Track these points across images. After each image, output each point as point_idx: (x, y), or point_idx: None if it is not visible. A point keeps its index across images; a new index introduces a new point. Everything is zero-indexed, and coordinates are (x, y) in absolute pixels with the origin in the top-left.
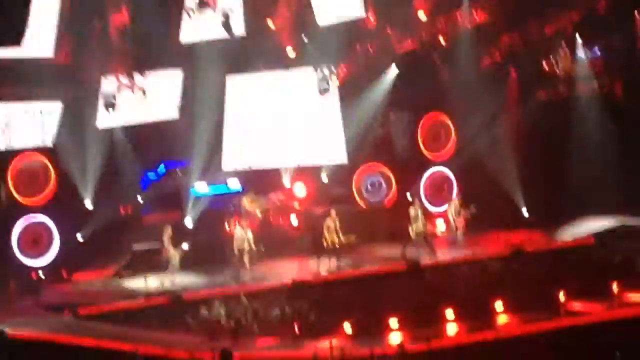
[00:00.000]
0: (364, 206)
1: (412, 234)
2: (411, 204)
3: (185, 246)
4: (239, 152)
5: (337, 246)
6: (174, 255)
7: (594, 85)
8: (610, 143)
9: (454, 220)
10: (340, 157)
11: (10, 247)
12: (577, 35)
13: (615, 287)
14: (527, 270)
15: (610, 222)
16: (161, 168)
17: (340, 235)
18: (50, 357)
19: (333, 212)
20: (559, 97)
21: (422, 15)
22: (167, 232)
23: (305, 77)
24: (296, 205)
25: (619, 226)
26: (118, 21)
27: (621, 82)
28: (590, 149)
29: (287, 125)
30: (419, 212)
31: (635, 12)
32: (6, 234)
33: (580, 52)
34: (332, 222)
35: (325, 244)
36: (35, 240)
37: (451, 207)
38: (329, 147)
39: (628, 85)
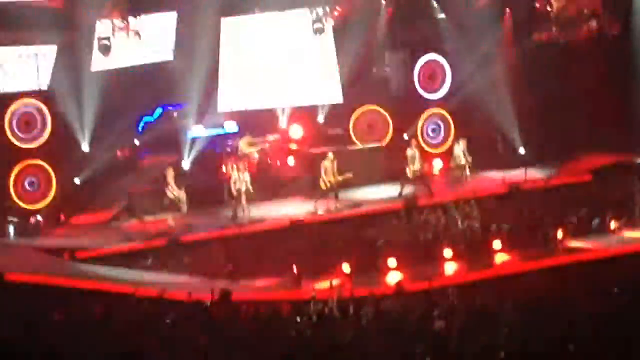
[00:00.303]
0: (360, 147)
1: (409, 173)
2: (408, 144)
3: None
4: (235, 94)
5: (335, 186)
6: (181, 195)
7: (591, 24)
8: (608, 81)
9: (462, 158)
10: (336, 97)
11: (8, 192)
12: None
13: (612, 224)
14: (525, 208)
15: (607, 159)
16: (157, 111)
17: (336, 176)
18: (48, 300)
19: (330, 154)
20: (554, 36)
21: None
22: (170, 174)
23: (299, 18)
24: (293, 146)
25: (616, 163)
26: None
27: (619, 20)
28: (588, 87)
29: (282, 66)
30: (416, 152)
31: None
32: (3, 178)
33: None
34: (329, 163)
35: (322, 184)
36: (33, 184)
37: (459, 145)
38: (325, 88)
39: (625, 24)
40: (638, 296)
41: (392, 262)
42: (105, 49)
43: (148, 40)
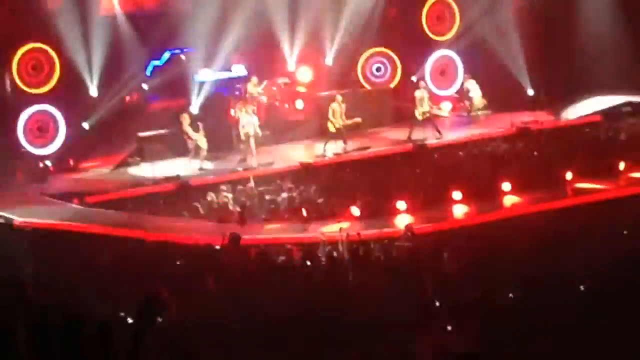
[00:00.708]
0: (369, 89)
1: (418, 115)
2: (416, 86)
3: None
4: (243, 36)
5: (344, 130)
6: (200, 139)
7: None
8: (616, 21)
9: (475, 97)
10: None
11: (17, 137)
12: None
13: (621, 165)
14: (534, 150)
15: (616, 99)
16: (165, 55)
17: (344, 119)
18: (58, 245)
19: (339, 96)
20: None
21: None
22: (186, 120)
23: None
24: (301, 89)
25: (625, 103)
26: None
27: None
28: (596, 27)
29: (292, 9)
30: (425, 94)
31: None
32: (12, 123)
33: None
34: (337, 106)
35: (331, 127)
36: (42, 129)
37: (472, 85)
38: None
39: None
40: None
41: (401, 204)
42: None
43: None
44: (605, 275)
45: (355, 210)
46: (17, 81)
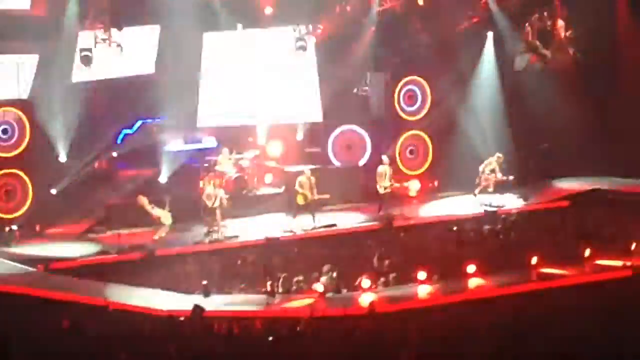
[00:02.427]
0: (338, 165)
1: (379, 189)
2: (382, 163)
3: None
4: (215, 109)
5: (312, 205)
6: (164, 215)
7: (569, 52)
8: (585, 108)
9: (484, 174)
10: (316, 116)
11: None
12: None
13: (587, 251)
14: (500, 233)
15: (584, 185)
16: (137, 124)
17: (315, 193)
18: (22, 310)
19: (307, 171)
20: (534, 63)
21: None
22: (143, 201)
23: (282, 36)
24: (271, 163)
25: (592, 189)
26: None
27: (595, 49)
28: (565, 113)
29: (263, 83)
30: (387, 169)
31: None
32: None
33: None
34: (306, 180)
35: (300, 200)
36: (9, 193)
37: (492, 164)
38: (305, 106)
39: (602, 52)
40: (611, 322)
41: (365, 282)
42: (87, 60)
43: (130, 53)
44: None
45: (320, 287)
46: None
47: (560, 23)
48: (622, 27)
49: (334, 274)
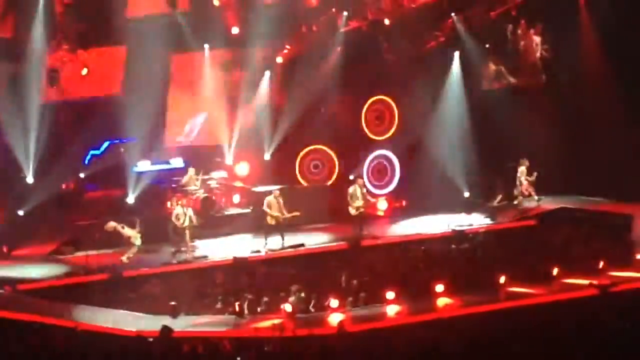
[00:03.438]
0: (306, 185)
1: (351, 211)
2: (352, 183)
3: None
4: (182, 130)
5: (280, 224)
6: (134, 235)
7: (539, 76)
8: (552, 127)
9: (522, 184)
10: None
11: None
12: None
13: (555, 270)
14: (468, 252)
15: (551, 204)
16: (104, 145)
17: (284, 213)
18: None
19: (276, 191)
20: (502, 84)
21: None
22: (112, 225)
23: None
24: (238, 183)
25: (559, 208)
26: None
27: (566, 71)
28: (535, 131)
29: (233, 105)
30: (357, 189)
31: None
32: None
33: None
34: (274, 200)
35: (270, 220)
36: None
37: (524, 172)
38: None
39: (573, 73)
40: (578, 342)
41: (334, 302)
42: (54, 81)
43: (97, 74)
44: None
45: (288, 307)
46: None
47: (536, 40)
48: (586, 49)
49: (302, 294)
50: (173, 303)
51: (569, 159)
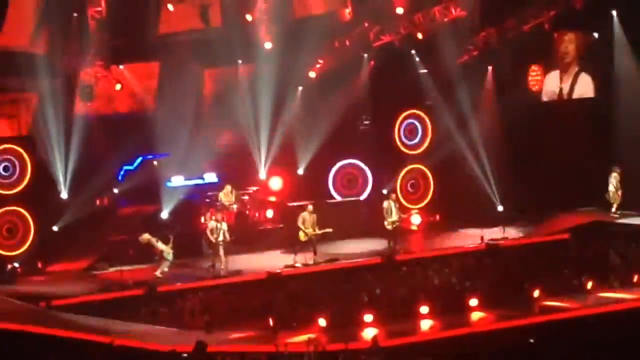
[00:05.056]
0: (339, 200)
1: (387, 226)
2: (386, 197)
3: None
4: (216, 144)
5: (314, 240)
6: (167, 250)
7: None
8: (588, 140)
9: (614, 193)
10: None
11: None
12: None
13: (589, 284)
14: (502, 266)
15: (585, 218)
16: (138, 160)
17: (317, 228)
18: (24, 347)
19: (310, 206)
20: (534, 97)
21: (399, 9)
22: (146, 237)
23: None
24: (272, 198)
25: (593, 222)
26: (96, 11)
27: (597, 84)
28: (568, 146)
29: (267, 119)
30: (392, 204)
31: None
32: None
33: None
34: (308, 215)
35: (302, 236)
36: (11, 231)
37: (612, 180)
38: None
39: (603, 85)
40: (613, 356)
41: (368, 317)
42: (88, 97)
43: (130, 89)
44: None
45: (322, 322)
46: None
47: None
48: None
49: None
50: (207, 318)
51: (599, 174)
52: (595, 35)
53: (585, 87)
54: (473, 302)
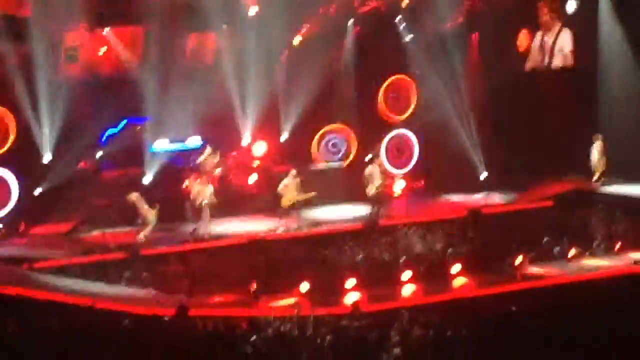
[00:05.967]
0: (323, 166)
1: (369, 191)
2: (370, 162)
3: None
4: (200, 108)
5: (297, 204)
6: (151, 213)
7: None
8: (573, 109)
9: (598, 161)
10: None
11: None
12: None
13: (572, 251)
14: (484, 233)
15: (568, 186)
16: (121, 124)
17: (300, 193)
18: (5, 309)
19: (293, 171)
20: (520, 64)
21: None
22: (135, 198)
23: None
24: (255, 163)
25: (577, 190)
26: None
27: (587, 53)
28: (552, 114)
29: (251, 84)
30: (376, 169)
31: None
32: None
33: None
34: (292, 180)
35: (284, 201)
36: None
37: (595, 149)
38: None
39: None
40: (595, 323)
41: (350, 282)
42: (72, 60)
43: (114, 53)
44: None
45: (304, 286)
46: None
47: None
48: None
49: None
50: (189, 282)
51: (584, 142)
52: None
53: (565, 40)
54: (455, 268)
